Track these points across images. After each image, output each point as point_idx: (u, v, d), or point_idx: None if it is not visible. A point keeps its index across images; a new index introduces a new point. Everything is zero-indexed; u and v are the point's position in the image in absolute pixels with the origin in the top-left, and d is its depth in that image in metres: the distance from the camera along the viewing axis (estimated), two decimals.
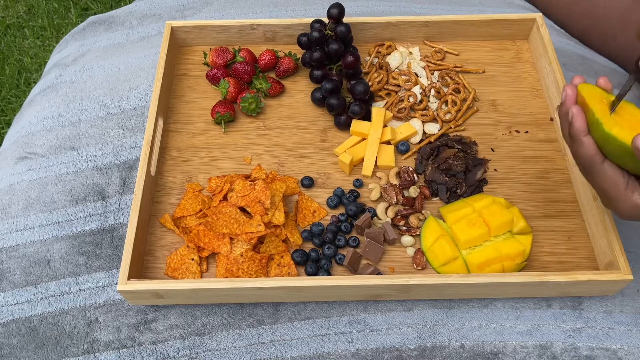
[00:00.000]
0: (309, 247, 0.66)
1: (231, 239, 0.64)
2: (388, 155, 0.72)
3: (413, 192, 0.69)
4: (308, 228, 0.67)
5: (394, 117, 0.77)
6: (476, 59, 0.83)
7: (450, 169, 0.69)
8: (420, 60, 0.82)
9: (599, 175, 0.52)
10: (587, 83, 0.55)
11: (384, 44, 0.83)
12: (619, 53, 0.86)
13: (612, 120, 0.51)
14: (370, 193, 0.70)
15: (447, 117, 0.76)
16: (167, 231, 0.67)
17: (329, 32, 0.76)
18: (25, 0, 1.76)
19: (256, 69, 0.80)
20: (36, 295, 0.64)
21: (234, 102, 0.78)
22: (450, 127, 0.75)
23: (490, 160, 0.72)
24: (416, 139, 0.75)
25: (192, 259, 0.64)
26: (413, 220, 0.67)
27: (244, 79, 0.79)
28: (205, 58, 0.81)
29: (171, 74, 0.80)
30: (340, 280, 0.59)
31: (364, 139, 0.74)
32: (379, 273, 0.63)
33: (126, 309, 0.63)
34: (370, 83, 0.79)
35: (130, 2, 1.65)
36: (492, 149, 0.74)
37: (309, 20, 0.80)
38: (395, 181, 0.70)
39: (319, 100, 0.77)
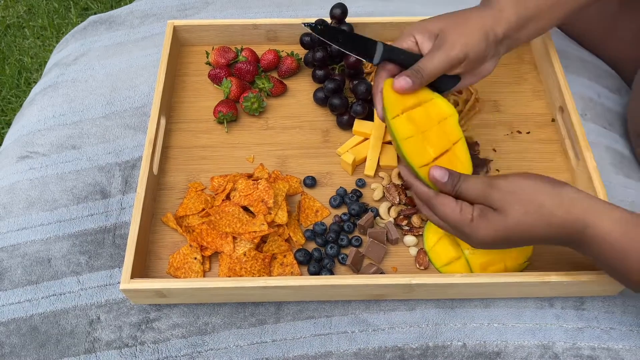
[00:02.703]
0: (311, 246, 0.66)
1: (234, 238, 0.64)
2: (390, 155, 0.72)
3: None
4: (311, 227, 0.67)
5: None
6: None
7: None
8: None
9: (439, 206, 0.55)
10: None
11: None
12: (611, 57, 0.86)
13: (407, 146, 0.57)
14: (373, 193, 0.70)
15: None
16: (169, 230, 0.67)
17: None
18: (25, 0, 1.76)
19: (259, 68, 0.80)
20: (37, 294, 0.64)
21: (237, 102, 0.78)
22: None
23: (492, 160, 0.72)
24: None
25: (195, 258, 0.64)
26: (415, 220, 0.67)
27: (247, 78, 0.79)
28: (207, 57, 0.81)
29: (173, 73, 0.80)
30: (342, 279, 0.59)
31: (366, 139, 0.74)
32: (381, 273, 0.63)
33: (128, 308, 0.63)
34: (372, 83, 0.79)
35: (130, 2, 1.65)
36: (494, 150, 0.74)
37: (312, 20, 0.80)
38: (397, 181, 0.70)
39: (321, 100, 0.77)
